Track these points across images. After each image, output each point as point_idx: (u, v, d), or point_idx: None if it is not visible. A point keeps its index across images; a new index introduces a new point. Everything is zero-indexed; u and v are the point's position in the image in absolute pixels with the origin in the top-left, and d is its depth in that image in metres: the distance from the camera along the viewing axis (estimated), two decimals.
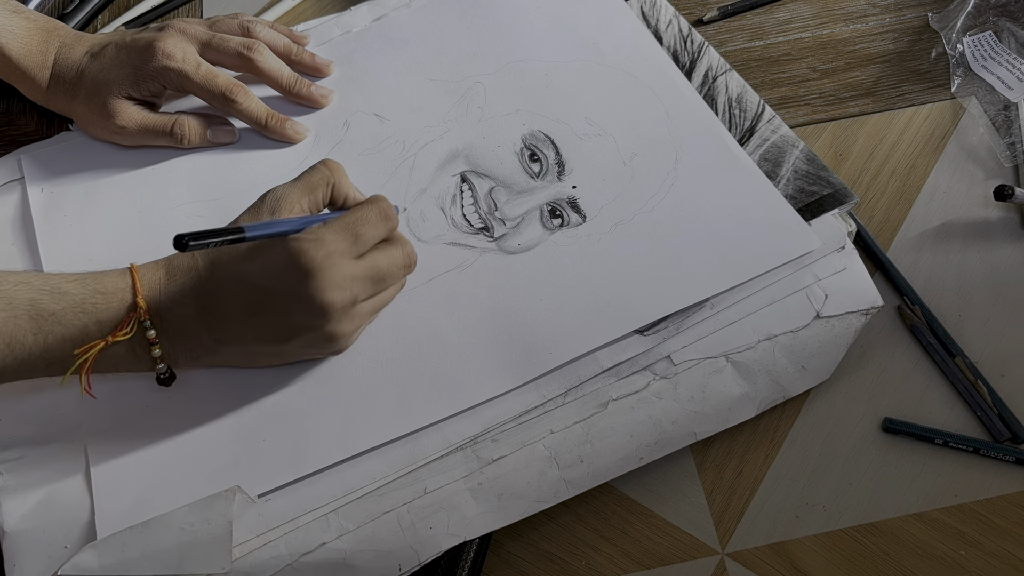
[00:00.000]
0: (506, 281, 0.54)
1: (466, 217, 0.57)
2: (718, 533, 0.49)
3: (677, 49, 0.64)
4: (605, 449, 0.49)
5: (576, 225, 0.56)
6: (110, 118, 0.59)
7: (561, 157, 0.59)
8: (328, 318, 0.46)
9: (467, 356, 0.51)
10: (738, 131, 0.60)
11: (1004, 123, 0.60)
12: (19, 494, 0.49)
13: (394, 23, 0.67)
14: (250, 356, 0.49)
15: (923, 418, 0.51)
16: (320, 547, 0.47)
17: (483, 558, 0.49)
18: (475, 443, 0.50)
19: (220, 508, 0.47)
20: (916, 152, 0.60)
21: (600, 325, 0.52)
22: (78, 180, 0.61)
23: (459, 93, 0.63)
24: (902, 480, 0.50)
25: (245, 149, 0.62)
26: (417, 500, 0.48)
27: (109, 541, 0.46)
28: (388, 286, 0.50)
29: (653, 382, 0.51)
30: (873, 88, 0.63)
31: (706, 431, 0.50)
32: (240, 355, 0.49)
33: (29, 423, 0.51)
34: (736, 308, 0.53)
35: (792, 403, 0.52)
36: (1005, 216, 0.57)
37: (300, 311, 0.46)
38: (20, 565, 0.47)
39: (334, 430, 0.50)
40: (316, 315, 0.46)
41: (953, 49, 0.64)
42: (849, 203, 0.56)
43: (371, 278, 0.48)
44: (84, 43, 0.60)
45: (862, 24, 0.67)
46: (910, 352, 0.53)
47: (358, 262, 0.47)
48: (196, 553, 0.46)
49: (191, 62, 0.58)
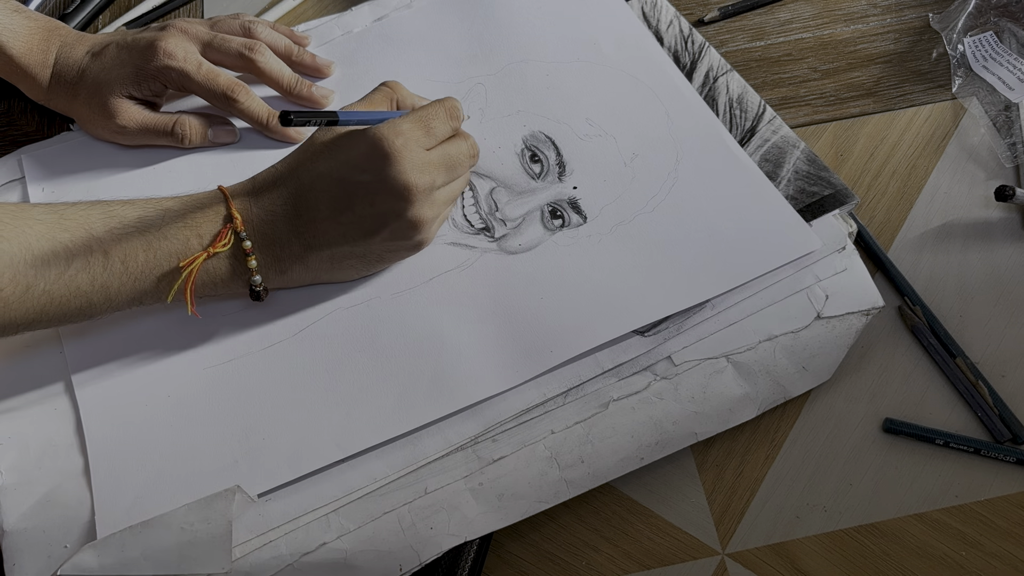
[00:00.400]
0: (507, 281, 0.54)
1: (467, 217, 0.57)
2: (719, 533, 0.49)
3: (678, 50, 0.64)
4: (606, 449, 0.49)
5: (577, 226, 0.56)
6: (111, 117, 0.59)
7: (562, 158, 0.59)
8: (411, 200, 0.49)
9: (467, 354, 0.51)
10: (739, 132, 0.60)
11: (1005, 124, 0.60)
12: (19, 493, 0.49)
13: (395, 24, 0.67)
14: (337, 261, 0.51)
15: (924, 419, 0.51)
16: (321, 547, 0.47)
17: (484, 558, 0.49)
18: (476, 443, 0.50)
19: (220, 508, 0.47)
20: (917, 152, 0.60)
21: (601, 325, 0.52)
22: (79, 180, 0.61)
23: (460, 94, 0.63)
24: (903, 481, 0.50)
25: (246, 149, 0.62)
26: (418, 500, 0.48)
27: (109, 541, 0.46)
28: (458, 175, 0.53)
29: (654, 383, 0.51)
30: (874, 88, 0.63)
31: (707, 431, 0.50)
32: (328, 260, 0.51)
33: (28, 422, 0.51)
34: (737, 309, 0.53)
35: (793, 404, 0.52)
36: (1006, 217, 0.57)
37: (385, 195, 0.49)
38: (20, 564, 0.47)
39: (334, 429, 0.50)
40: (401, 197, 0.49)
41: (954, 49, 0.64)
42: (850, 204, 0.56)
43: (445, 165, 0.51)
44: (85, 43, 0.60)
45: (863, 24, 0.67)
46: (911, 353, 0.53)
47: (431, 151, 0.51)
48: (196, 553, 0.46)
49: (192, 61, 0.58)
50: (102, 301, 0.48)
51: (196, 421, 0.50)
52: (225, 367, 0.52)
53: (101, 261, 0.47)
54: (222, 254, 0.49)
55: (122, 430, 0.50)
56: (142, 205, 0.49)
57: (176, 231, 0.49)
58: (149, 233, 0.48)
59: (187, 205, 0.50)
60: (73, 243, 0.47)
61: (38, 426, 0.51)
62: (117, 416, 0.51)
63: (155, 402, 0.51)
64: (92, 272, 0.47)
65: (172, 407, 0.51)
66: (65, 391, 0.52)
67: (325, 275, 0.53)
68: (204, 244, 0.49)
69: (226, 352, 0.53)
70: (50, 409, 0.52)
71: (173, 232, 0.48)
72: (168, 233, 0.48)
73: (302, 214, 0.50)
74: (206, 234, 0.49)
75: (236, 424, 0.50)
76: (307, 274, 0.52)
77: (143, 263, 0.48)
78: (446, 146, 0.52)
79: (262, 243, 0.50)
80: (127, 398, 0.51)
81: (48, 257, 0.46)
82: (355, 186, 0.49)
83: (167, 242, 0.48)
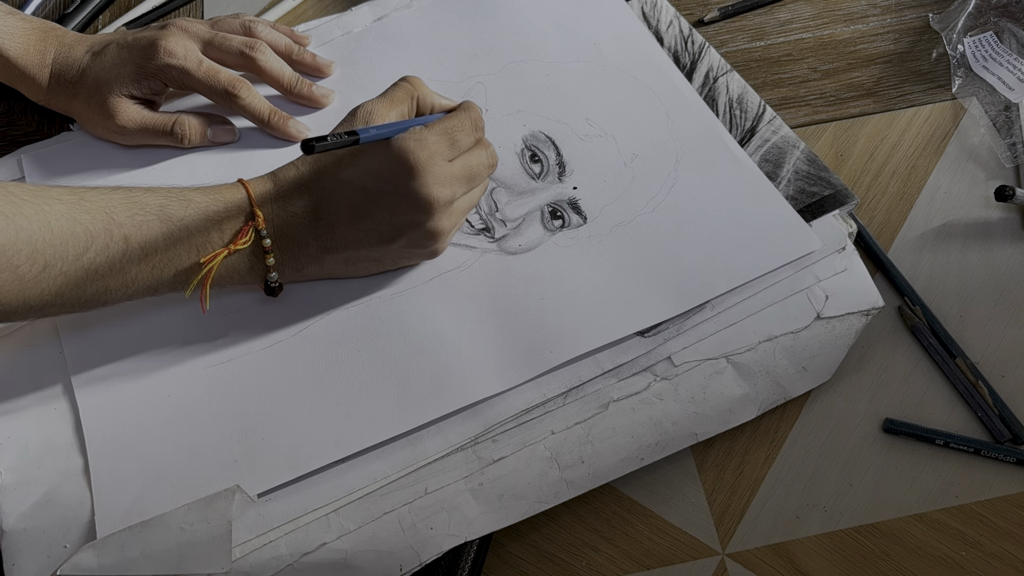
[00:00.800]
0: (507, 281, 0.54)
1: (467, 218, 0.57)
2: (719, 534, 0.49)
3: (678, 50, 0.64)
4: (606, 450, 0.49)
5: (577, 226, 0.56)
6: (111, 117, 0.59)
7: (562, 158, 0.59)
8: (432, 213, 0.49)
9: (467, 354, 0.51)
10: (739, 132, 0.60)
11: (1005, 124, 0.60)
12: (19, 493, 0.49)
13: (395, 23, 0.67)
14: (352, 263, 0.52)
15: (924, 419, 0.51)
16: (321, 547, 0.47)
17: (483, 558, 0.48)
18: (476, 443, 0.50)
19: (220, 507, 0.47)
20: (917, 153, 0.60)
21: (601, 326, 0.52)
22: (79, 180, 0.61)
23: (460, 93, 0.63)
24: (903, 481, 0.50)
25: (246, 148, 0.62)
26: (418, 500, 0.48)
27: (108, 541, 0.46)
28: (477, 184, 0.53)
29: (654, 383, 0.51)
30: (874, 89, 0.63)
31: (707, 432, 0.50)
32: (343, 262, 0.52)
33: (28, 422, 0.51)
34: (737, 309, 0.53)
35: (793, 404, 0.52)
36: (1006, 217, 0.57)
37: (406, 207, 0.49)
38: (19, 564, 0.47)
39: (334, 429, 0.49)
40: (421, 210, 0.49)
41: (954, 50, 0.64)
42: (850, 204, 0.56)
43: (465, 177, 0.51)
44: (84, 42, 0.60)
45: (863, 25, 0.67)
46: (911, 353, 0.53)
47: (454, 163, 0.50)
48: (196, 553, 0.46)
49: (193, 59, 0.58)
50: (119, 287, 0.47)
51: (196, 421, 0.50)
52: (225, 367, 0.52)
53: (121, 246, 0.46)
54: (242, 250, 0.49)
55: (122, 430, 0.50)
56: (164, 193, 0.49)
57: (198, 224, 0.48)
58: (171, 223, 0.48)
59: (209, 198, 0.49)
60: (94, 225, 0.46)
61: (38, 426, 0.51)
62: (117, 416, 0.51)
63: (155, 402, 0.51)
64: (111, 256, 0.46)
65: (172, 407, 0.51)
66: (64, 391, 0.52)
67: (339, 273, 0.54)
68: (225, 240, 0.49)
69: (226, 352, 0.52)
70: (50, 409, 0.52)
71: (194, 225, 0.48)
72: (189, 225, 0.48)
73: (322, 218, 0.50)
74: (227, 230, 0.49)
75: (236, 424, 0.50)
76: (322, 271, 0.53)
77: (163, 252, 0.47)
78: (467, 157, 0.51)
79: (281, 242, 0.50)
80: (127, 398, 0.51)
81: (68, 237, 0.45)
82: (377, 195, 0.49)
83: (188, 234, 0.48)
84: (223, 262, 0.49)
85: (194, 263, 0.48)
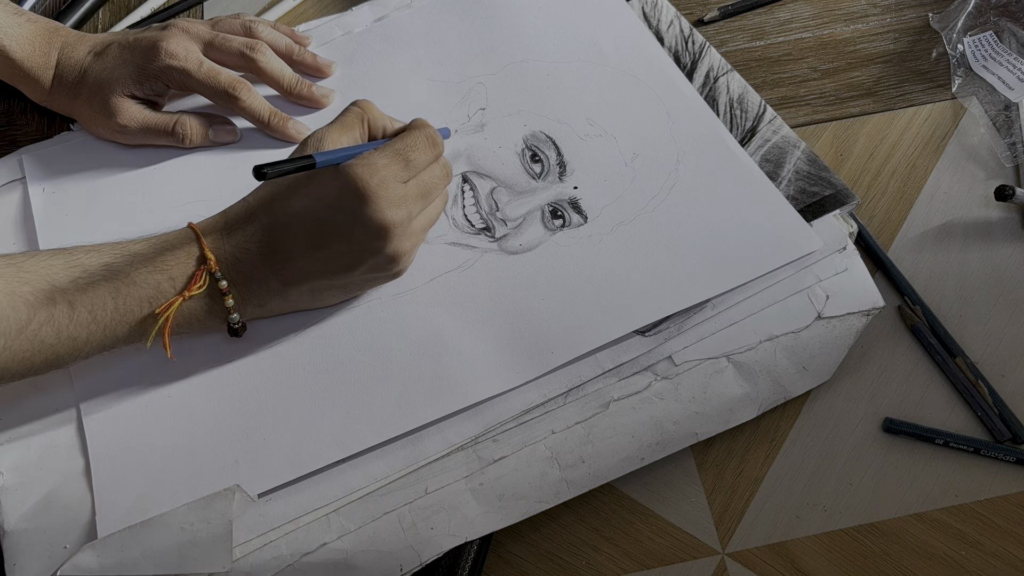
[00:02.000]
0: (507, 281, 0.54)
1: (467, 217, 0.57)
2: (718, 533, 0.49)
3: (678, 50, 0.64)
4: (606, 449, 0.49)
5: (578, 226, 0.56)
6: (112, 117, 0.59)
7: (562, 158, 0.59)
8: (389, 237, 0.48)
9: (468, 355, 0.51)
10: (739, 132, 0.60)
11: (1005, 123, 0.60)
12: (19, 494, 0.49)
13: (395, 24, 0.67)
14: (317, 293, 0.51)
15: (924, 418, 0.51)
16: (321, 547, 0.47)
17: (484, 558, 0.49)
18: (476, 443, 0.50)
19: (220, 507, 0.47)
20: (917, 152, 0.60)
21: (601, 325, 0.52)
22: (79, 180, 0.61)
23: (461, 94, 0.63)
24: (903, 480, 0.50)
25: (246, 149, 0.62)
26: (418, 500, 0.48)
27: (109, 541, 0.46)
28: (434, 199, 0.52)
29: (654, 383, 0.51)
30: (874, 88, 0.63)
31: (707, 431, 0.50)
32: (308, 294, 0.51)
33: (29, 423, 0.51)
34: (737, 309, 0.53)
35: (793, 403, 0.52)
36: (1006, 216, 0.57)
37: (362, 235, 0.48)
38: (20, 565, 0.47)
39: (334, 429, 0.50)
40: (378, 236, 0.48)
41: (954, 49, 0.64)
42: (850, 204, 0.56)
43: (420, 194, 0.50)
44: (87, 43, 0.60)
45: (863, 24, 0.67)
46: (911, 352, 0.53)
47: (408, 184, 0.49)
48: (196, 552, 0.46)
49: (194, 60, 0.58)
50: (69, 352, 0.46)
51: (196, 421, 0.50)
52: (225, 367, 0.52)
53: (66, 312, 0.45)
54: (198, 295, 0.48)
55: (123, 430, 0.50)
56: (108, 251, 0.48)
57: (146, 276, 0.47)
58: (117, 280, 0.46)
59: (156, 247, 0.48)
60: (35, 295, 0.45)
61: (39, 427, 0.51)
62: (118, 416, 0.51)
63: (156, 402, 0.51)
64: (57, 324, 0.45)
65: (173, 407, 0.51)
66: (66, 392, 0.52)
67: (305, 304, 0.52)
68: (178, 287, 0.47)
69: (227, 353, 0.52)
70: (51, 410, 0.52)
71: (143, 277, 0.47)
72: (137, 279, 0.47)
73: (278, 251, 0.48)
74: (179, 276, 0.47)
75: (236, 424, 0.50)
76: (286, 305, 0.51)
77: (112, 311, 0.46)
78: (422, 175, 0.50)
79: (238, 281, 0.49)
80: (128, 398, 0.51)
81: (7, 312, 0.44)
82: (331, 224, 0.47)
83: (137, 288, 0.47)
84: (181, 310, 0.47)
85: (148, 315, 0.47)
